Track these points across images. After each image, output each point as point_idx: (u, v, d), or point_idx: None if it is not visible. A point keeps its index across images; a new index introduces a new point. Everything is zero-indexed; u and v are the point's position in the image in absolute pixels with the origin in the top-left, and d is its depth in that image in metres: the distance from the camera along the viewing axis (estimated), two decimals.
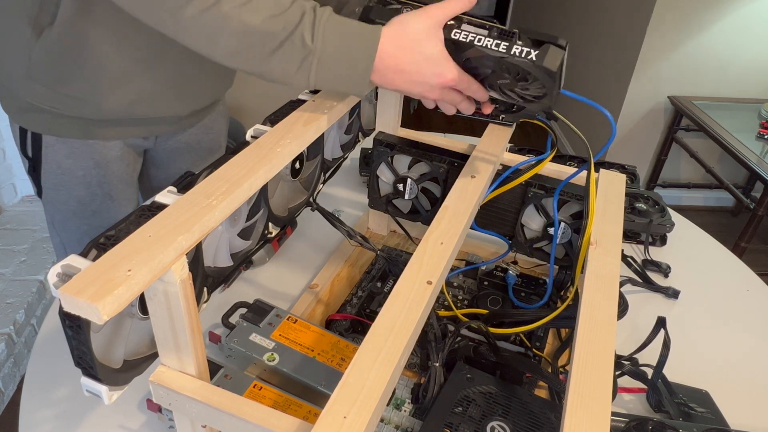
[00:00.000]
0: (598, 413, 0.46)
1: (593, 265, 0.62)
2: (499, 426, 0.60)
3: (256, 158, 0.56)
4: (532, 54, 0.56)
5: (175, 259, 0.45)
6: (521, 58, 0.56)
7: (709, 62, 2.28)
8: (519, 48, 0.57)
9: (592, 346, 0.52)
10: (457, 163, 0.79)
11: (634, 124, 2.42)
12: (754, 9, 2.16)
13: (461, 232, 0.62)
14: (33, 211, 2.00)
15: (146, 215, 0.48)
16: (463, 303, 0.81)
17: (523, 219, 0.81)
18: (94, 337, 0.45)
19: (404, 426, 0.63)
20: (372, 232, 0.97)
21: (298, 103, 0.67)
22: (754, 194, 2.36)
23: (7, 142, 1.95)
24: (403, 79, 0.61)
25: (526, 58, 0.56)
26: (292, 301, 0.81)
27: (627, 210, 0.98)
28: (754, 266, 1.00)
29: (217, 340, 0.72)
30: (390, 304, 0.52)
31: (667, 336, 0.68)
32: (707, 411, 0.68)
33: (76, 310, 0.40)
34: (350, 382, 0.46)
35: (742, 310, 0.89)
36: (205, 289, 0.59)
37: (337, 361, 0.68)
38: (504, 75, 0.60)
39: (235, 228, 0.63)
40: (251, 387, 0.62)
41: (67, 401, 0.66)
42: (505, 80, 0.60)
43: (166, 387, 0.51)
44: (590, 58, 2.70)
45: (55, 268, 0.42)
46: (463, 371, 0.65)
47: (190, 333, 0.48)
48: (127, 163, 0.94)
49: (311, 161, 0.75)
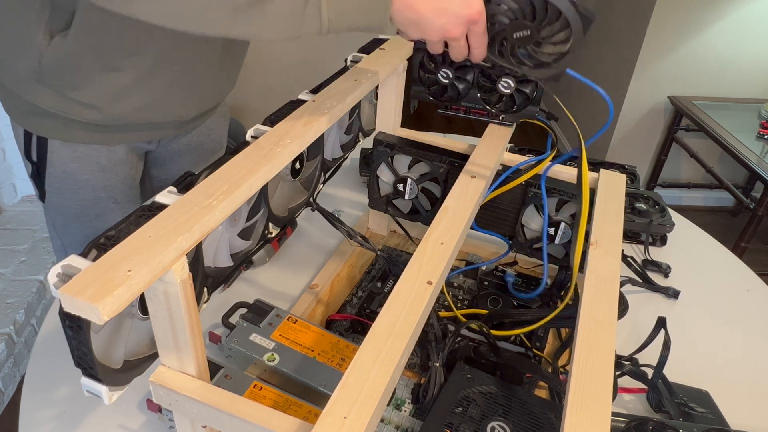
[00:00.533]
0: (598, 413, 0.46)
1: (593, 265, 0.62)
2: (499, 426, 0.60)
3: (256, 158, 0.56)
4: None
5: (175, 259, 0.45)
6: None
7: (709, 62, 2.28)
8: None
9: (592, 346, 0.52)
10: (457, 163, 0.79)
11: (634, 124, 2.42)
12: (754, 9, 2.16)
13: (461, 232, 0.62)
14: (33, 211, 2.00)
15: (146, 215, 0.48)
16: (463, 303, 0.81)
17: (523, 219, 0.81)
18: (94, 338, 0.45)
19: (404, 426, 0.63)
20: (372, 232, 0.97)
21: (298, 103, 0.67)
22: (754, 194, 2.36)
23: (7, 142, 1.95)
24: (427, 5, 0.55)
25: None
26: (292, 301, 0.81)
27: (627, 210, 0.98)
28: (754, 266, 1.00)
29: (217, 340, 0.72)
30: (390, 304, 0.52)
31: (667, 336, 0.68)
32: (707, 411, 0.68)
33: (76, 310, 0.40)
34: (350, 382, 0.46)
35: (742, 310, 0.89)
36: (205, 289, 0.59)
37: (337, 361, 0.68)
38: (525, 24, 0.55)
39: (235, 228, 0.63)
40: (251, 387, 0.62)
41: (67, 401, 0.66)
42: (524, 32, 0.56)
43: (166, 387, 0.51)
44: (590, 58, 2.70)
45: (55, 268, 0.42)
46: (463, 371, 0.65)
47: (190, 333, 0.48)
48: (130, 167, 0.95)
49: (311, 161, 0.75)
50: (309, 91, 0.70)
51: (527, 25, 0.55)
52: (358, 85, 0.72)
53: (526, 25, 0.56)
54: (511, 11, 0.56)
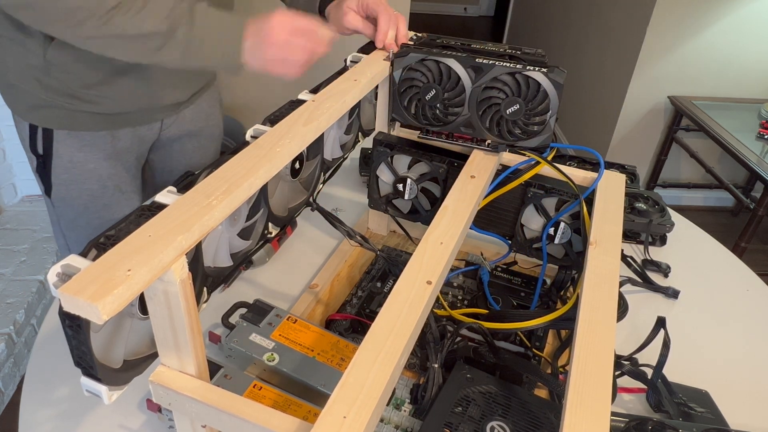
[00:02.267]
0: (597, 413, 0.46)
1: (593, 264, 0.62)
2: (498, 426, 0.60)
3: (256, 158, 0.56)
4: (543, 69, 0.72)
5: (175, 258, 0.45)
6: (534, 71, 0.72)
7: (709, 62, 2.28)
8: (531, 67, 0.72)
9: (592, 346, 0.52)
10: (457, 163, 0.79)
11: (634, 124, 2.42)
12: (754, 9, 2.16)
13: (461, 232, 0.63)
14: (33, 211, 2.00)
15: (146, 215, 0.48)
16: (463, 303, 0.81)
17: (522, 219, 0.81)
18: (94, 337, 0.45)
19: (404, 426, 0.63)
20: (372, 232, 0.97)
21: (297, 103, 0.67)
22: (754, 194, 2.36)
23: (7, 142, 1.95)
24: (273, 59, 0.71)
25: (537, 70, 0.72)
26: (292, 301, 0.81)
27: (627, 210, 0.98)
28: (754, 266, 1.00)
29: (217, 340, 0.72)
30: (390, 304, 0.53)
31: (667, 336, 0.68)
32: (707, 411, 0.68)
33: (76, 309, 0.40)
34: (350, 382, 0.46)
35: (742, 310, 0.89)
36: (205, 289, 0.59)
37: (337, 361, 0.68)
38: (516, 100, 0.73)
39: (235, 228, 0.63)
40: (251, 387, 0.62)
41: (67, 401, 0.66)
42: (515, 106, 0.73)
43: (166, 387, 0.51)
44: (590, 58, 2.70)
45: (55, 268, 0.42)
46: (463, 371, 0.65)
47: (190, 333, 0.48)
48: (135, 155, 0.99)
49: (311, 161, 0.75)
50: (309, 91, 0.70)
51: (517, 100, 0.73)
52: (358, 85, 0.72)
53: (516, 101, 0.73)
54: (503, 91, 0.74)
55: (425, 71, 0.77)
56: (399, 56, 0.78)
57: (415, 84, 0.78)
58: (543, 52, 0.76)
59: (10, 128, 1.91)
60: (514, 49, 0.77)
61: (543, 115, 0.73)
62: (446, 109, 0.78)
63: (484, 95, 0.75)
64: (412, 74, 0.78)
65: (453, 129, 0.79)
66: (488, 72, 0.73)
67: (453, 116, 0.78)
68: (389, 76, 0.79)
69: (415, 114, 0.80)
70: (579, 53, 2.83)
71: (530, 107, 0.73)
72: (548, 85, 0.71)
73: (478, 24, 5.03)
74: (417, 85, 0.78)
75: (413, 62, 0.77)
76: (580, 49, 2.83)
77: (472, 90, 0.75)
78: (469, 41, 0.80)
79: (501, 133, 0.76)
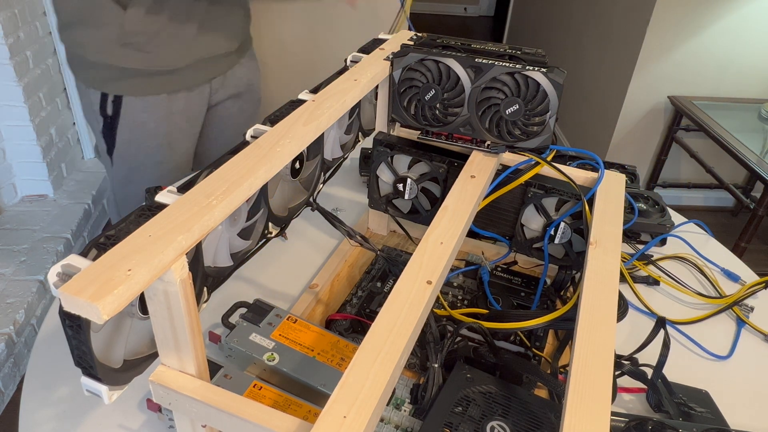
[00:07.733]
0: (597, 413, 0.46)
1: (593, 264, 0.62)
2: (498, 426, 0.60)
3: (256, 158, 0.56)
4: (542, 69, 0.71)
5: (175, 258, 0.45)
6: (533, 71, 0.71)
7: (709, 62, 2.28)
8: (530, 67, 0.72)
9: (592, 345, 0.52)
10: (457, 163, 0.79)
11: (634, 124, 2.42)
12: (754, 9, 2.16)
13: (461, 232, 0.63)
14: (33, 211, 2.00)
15: (146, 215, 0.48)
16: (463, 303, 0.81)
17: (523, 219, 0.81)
18: (94, 337, 0.45)
19: (404, 426, 0.63)
20: (372, 232, 0.97)
21: (298, 103, 0.67)
22: (754, 194, 2.36)
23: (7, 142, 1.95)
24: None
25: (537, 71, 0.71)
26: (292, 301, 0.81)
27: (627, 210, 0.98)
28: (754, 266, 1.00)
29: (217, 340, 0.72)
30: (390, 304, 0.53)
31: (667, 336, 0.68)
32: (707, 411, 0.68)
33: (76, 309, 0.40)
34: (350, 381, 0.46)
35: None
36: (205, 289, 0.59)
37: (337, 360, 0.68)
38: (515, 100, 0.73)
39: (234, 228, 0.63)
40: (251, 387, 0.62)
41: (67, 401, 0.66)
42: (515, 106, 0.73)
43: (166, 387, 0.51)
44: (590, 58, 2.70)
45: (55, 267, 0.42)
46: (463, 371, 0.65)
47: (190, 333, 0.48)
48: (187, 117, 1.16)
49: (311, 161, 0.75)
50: (309, 91, 0.70)
51: (516, 101, 0.73)
52: (358, 85, 0.72)
53: (515, 101, 0.73)
54: (502, 91, 0.73)
55: (424, 71, 0.77)
56: (398, 56, 0.78)
57: (414, 84, 0.78)
58: (543, 52, 0.76)
59: (11, 128, 1.92)
60: (513, 49, 0.77)
61: (543, 116, 0.73)
62: (446, 109, 0.78)
63: (483, 95, 0.75)
64: (411, 74, 0.78)
65: (452, 129, 0.79)
66: (487, 72, 0.73)
67: (452, 116, 0.78)
68: (389, 76, 0.79)
69: (414, 114, 0.80)
70: (579, 53, 2.83)
71: (530, 107, 0.73)
72: (548, 86, 0.71)
73: (478, 24, 5.04)
74: (416, 85, 0.78)
75: (412, 62, 0.77)
76: (580, 49, 2.83)
77: (471, 90, 0.75)
78: (469, 41, 0.80)
79: (500, 134, 0.76)
